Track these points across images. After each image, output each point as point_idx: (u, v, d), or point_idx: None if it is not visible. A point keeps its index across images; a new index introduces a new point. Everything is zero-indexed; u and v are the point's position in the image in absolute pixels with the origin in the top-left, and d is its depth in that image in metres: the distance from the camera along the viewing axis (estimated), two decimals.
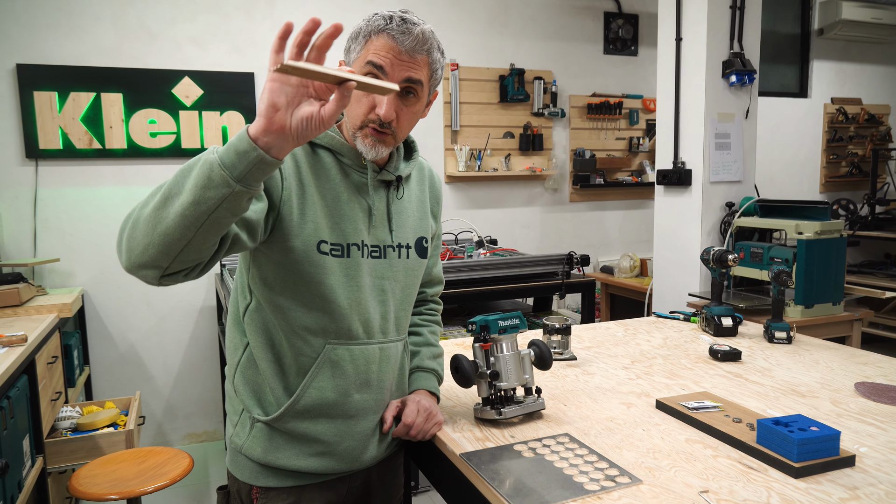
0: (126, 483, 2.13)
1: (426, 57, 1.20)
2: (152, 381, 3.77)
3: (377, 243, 1.29)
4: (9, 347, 2.21)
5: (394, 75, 1.17)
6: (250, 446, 1.28)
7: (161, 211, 0.94)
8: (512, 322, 1.38)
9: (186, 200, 0.93)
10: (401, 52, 1.16)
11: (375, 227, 1.29)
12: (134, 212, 0.99)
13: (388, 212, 1.31)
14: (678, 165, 3.35)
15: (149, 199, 0.98)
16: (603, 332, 2.20)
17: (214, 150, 0.94)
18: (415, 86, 1.20)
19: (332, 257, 1.22)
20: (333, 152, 1.26)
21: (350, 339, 1.26)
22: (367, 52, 1.18)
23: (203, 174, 0.92)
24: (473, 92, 4.40)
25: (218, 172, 0.92)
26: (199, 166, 0.94)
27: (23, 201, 3.45)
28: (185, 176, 0.95)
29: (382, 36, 1.16)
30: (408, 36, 1.16)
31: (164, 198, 0.95)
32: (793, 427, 1.16)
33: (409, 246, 1.35)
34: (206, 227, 0.95)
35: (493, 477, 1.12)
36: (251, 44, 3.82)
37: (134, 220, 0.97)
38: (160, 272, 0.99)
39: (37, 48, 3.40)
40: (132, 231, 0.97)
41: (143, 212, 0.97)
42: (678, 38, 3.32)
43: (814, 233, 2.75)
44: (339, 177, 1.25)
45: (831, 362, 1.79)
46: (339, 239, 1.24)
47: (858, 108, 5.64)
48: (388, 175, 1.31)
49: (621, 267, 4.39)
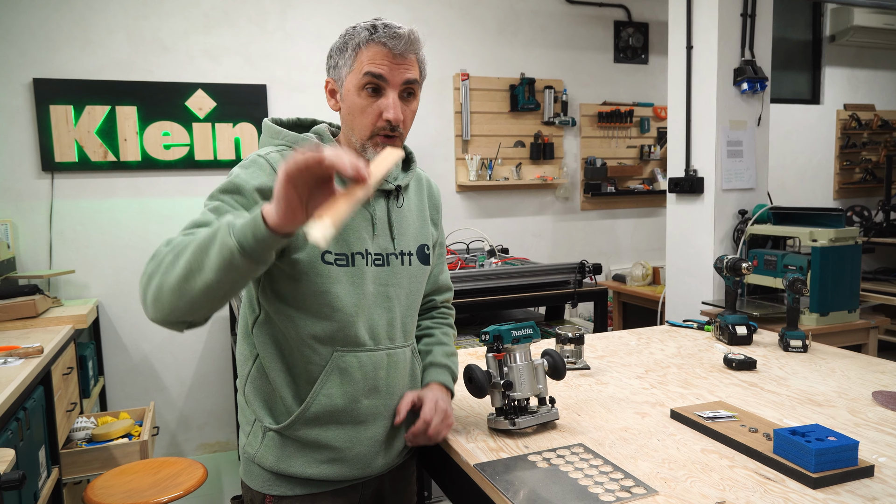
0: (141, 494, 2.13)
1: (416, 56, 1.25)
2: (166, 391, 3.79)
3: (380, 251, 1.31)
4: (25, 359, 2.23)
5: (393, 80, 1.22)
6: (263, 455, 1.29)
7: (185, 284, 1.00)
8: (525, 332, 1.38)
9: (210, 279, 0.98)
10: (395, 57, 1.21)
11: (378, 235, 1.31)
12: (156, 273, 1.03)
13: (390, 220, 1.33)
14: (690, 173, 3.33)
15: (168, 265, 1.01)
16: (616, 341, 2.19)
17: (231, 232, 0.96)
18: (413, 86, 1.25)
19: (336, 267, 1.24)
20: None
21: (357, 346, 1.27)
22: (360, 63, 1.21)
23: (224, 259, 0.96)
24: (484, 101, 4.41)
25: (238, 258, 0.96)
26: (217, 249, 0.97)
27: (39, 213, 3.49)
28: (203, 253, 0.98)
29: (373, 45, 1.21)
30: (398, 40, 1.20)
31: (186, 273, 0.99)
32: (810, 437, 1.15)
33: (411, 253, 1.36)
34: (229, 294, 1.03)
35: (508, 488, 1.12)
36: (263, 56, 3.86)
37: (158, 286, 1.02)
38: (186, 326, 1.07)
39: (53, 63, 3.45)
40: (157, 294, 1.02)
41: (165, 280, 1.01)
42: (689, 46, 3.31)
43: (828, 240, 2.72)
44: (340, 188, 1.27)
45: (848, 371, 1.77)
46: (344, 249, 1.26)
47: (871, 115, 5.60)
48: (388, 185, 1.33)
49: (634, 275, 4.37)
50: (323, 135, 1.32)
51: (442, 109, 4.33)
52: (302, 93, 3.94)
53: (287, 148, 1.27)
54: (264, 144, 1.32)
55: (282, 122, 1.36)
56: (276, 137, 1.30)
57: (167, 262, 1.02)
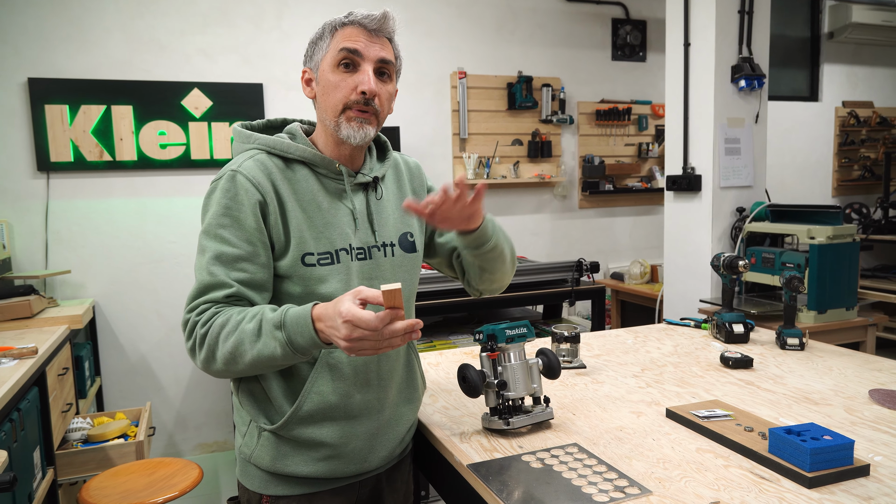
0: (136, 494, 2.13)
1: (390, 39, 1.29)
2: (163, 391, 3.78)
3: (362, 245, 1.31)
4: (19, 359, 2.22)
5: (368, 55, 1.24)
6: (259, 455, 1.29)
7: (232, 366, 1.15)
8: (519, 331, 1.37)
9: (257, 367, 1.15)
10: (370, 33, 1.24)
11: (359, 229, 1.31)
12: (212, 361, 1.17)
13: (369, 213, 1.33)
14: (688, 171, 3.33)
15: (229, 358, 1.15)
16: (613, 339, 2.18)
17: (288, 344, 1.10)
18: (387, 66, 1.27)
19: (320, 267, 1.24)
20: (307, 164, 1.29)
21: None
22: (336, 42, 1.25)
23: (273, 359, 1.13)
24: (481, 100, 4.40)
25: (290, 355, 1.12)
26: (267, 350, 1.11)
27: (34, 214, 3.48)
28: (269, 362, 1.14)
29: (349, 26, 1.25)
30: (373, 19, 1.24)
31: (251, 368, 1.15)
32: (805, 436, 1.14)
33: (392, 244, 1.36)
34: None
35: (501, 488, 1.11)
36: (260, 55, 3.84)
37: (222, 370, 1.17)
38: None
39: (48, 62, 3.44)
40: (224, 371, 1.17)
41: (234, 367, 1.16)
42: (686, 44, 3.30)
43: (826, 237, 2.72)
44: (317, 186, 1.28)
45: (845, 369, 1.76)
46: (327, 247, 1.26)
47: (870, 112, 5.59)
48: (364, 178, 1.33)
49: (631, 273, 4.37)
50: (296, 134, 1.32)
51: (439, 108, 4.32)
52: (298, 92, 3.92)
53: (259, 151, 1.27)
54: (236, 151, 1.33)
55: (252, 126, 1.36)
56: (248, 142, 1.30)
57: (223, 356, 1.15)
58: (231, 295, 1.18)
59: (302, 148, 1.27)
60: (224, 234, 1.19)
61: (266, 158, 1.26)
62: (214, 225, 1.20)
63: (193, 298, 1.19)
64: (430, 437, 1.42)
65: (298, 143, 1.30)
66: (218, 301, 1.18)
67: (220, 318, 1.15)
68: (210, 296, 1.18)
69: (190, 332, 1.18)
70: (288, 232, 1.23)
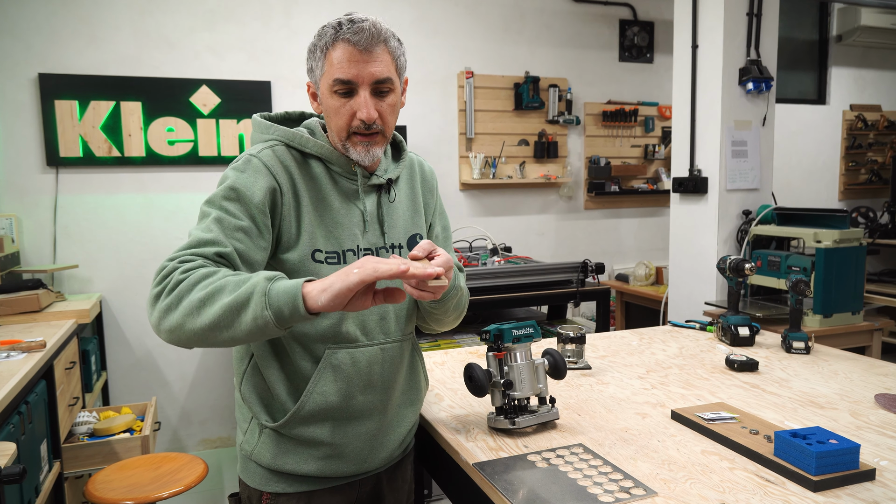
0: (141, 489, 2.14)
1: (384, 47, 1.23)
2: (168, 386, 3.80)
3: (370, 246, 1.31)
4: (28, 353, 2.23)
5: (362, 80, 1.21)
6: (259, 452, 1.30)
7: (210, 334, 1.04)
8: (526, 331, 1.38)
9: (237, 337, 1.04)
10: (361, 53, 1.20)
11: (368, 231, 1.31)
12: (173, 309, 1.04)
13: (380, 215, 1.33)
14: (694, 173, 3.32)
15: (191, 309, 1.03)
16: (618, 340, 2.18)
17: (267, 305, 1.00)
18: (384, 84, 1.23)
19: (327, 265, 1.24)
20: (323, 161, 1.29)
21: (349, 342, 1.27)
22: (329, 67, 1.22)
23: (257, 326, 1.02)
24: (488, 100, 4.40)
25: (272, 328, 1.02)
26: (251, 316, 1.01)
27: (43, 208, 3.49)
28: (234, 314, 1.02)
29: (339, 44, 1.21)
30: (361, 34, 1.19)
31: (212, 325, 1.03)
32: (811, 439, 1.14)
33: (401, 245, 1.36)
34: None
35: (507, 487, 1.12)
36: (268, 52, 3.86)
37: (178, 324, 1.04)
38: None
39: (58, 58, 3.46)
40: (176, 330, 1.05)
41: (187, 322, 1.04)
42: (694, 46, 3.30)
43: (832, 241, 2.71)
44: (330, 185, 1.28)
45: (850, 373, 1.77)
46: (335, 246, 1.26)
47: (878, 115, 5.58)
48: (379, 179, 1.33)
49: (636, 275, 4.36)
50: (314, 130, 1.32)
51: (446, 107, 4.33)
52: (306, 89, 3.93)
53: (278, 143, 1.27)
54: (255, 141, 1.32)
55: (271, 118, 1.36)
56: (267, 132, 1.30)
57: (189, 304, 1.04)
58: (223, 254, 1.12)
59: (320, 144, 1.28)
60: (228, 206, 1.17)
61: (284, 151, 1.26)
62: (220, 197, 1.18)
63: (180, 250, 1.12)
64: (435, 436, 1.43)
65: (318, 139, 1.30)
66: (207, 256, 1.11)
67: (206, 270, 1.07)
68: (200, 249, 1.11)
69: (165, 276, 1.08)
70: (300, 225, 1.24)
